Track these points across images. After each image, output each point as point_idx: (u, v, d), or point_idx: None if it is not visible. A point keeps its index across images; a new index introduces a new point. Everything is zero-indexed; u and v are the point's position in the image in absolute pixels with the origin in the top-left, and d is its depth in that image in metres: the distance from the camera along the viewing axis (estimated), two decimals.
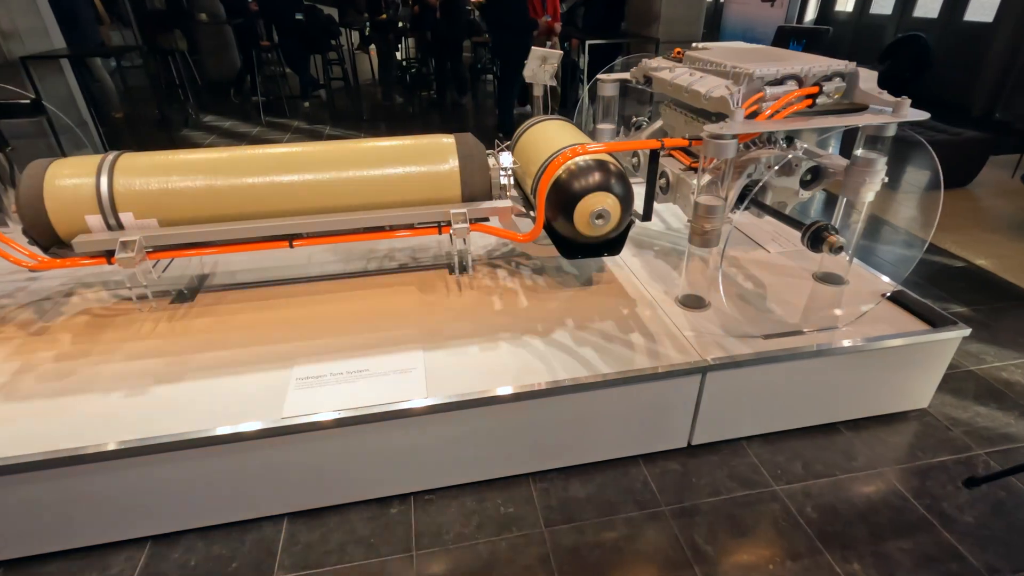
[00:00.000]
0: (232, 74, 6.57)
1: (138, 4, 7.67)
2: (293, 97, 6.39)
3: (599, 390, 1.47)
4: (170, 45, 5.44)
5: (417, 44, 6.60)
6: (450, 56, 5.97)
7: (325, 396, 1.40)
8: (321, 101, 6.49)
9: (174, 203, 1.60)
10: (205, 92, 6.49)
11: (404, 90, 6.66)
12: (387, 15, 5.67)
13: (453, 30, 5.75)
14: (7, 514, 1.31)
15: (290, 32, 5.58)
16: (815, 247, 1.53)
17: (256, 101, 5.98)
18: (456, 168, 1.72)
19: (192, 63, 6.06)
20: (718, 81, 1.69)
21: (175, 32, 5.51)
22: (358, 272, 1.99)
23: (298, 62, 6.02)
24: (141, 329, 1.68)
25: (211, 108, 6.19)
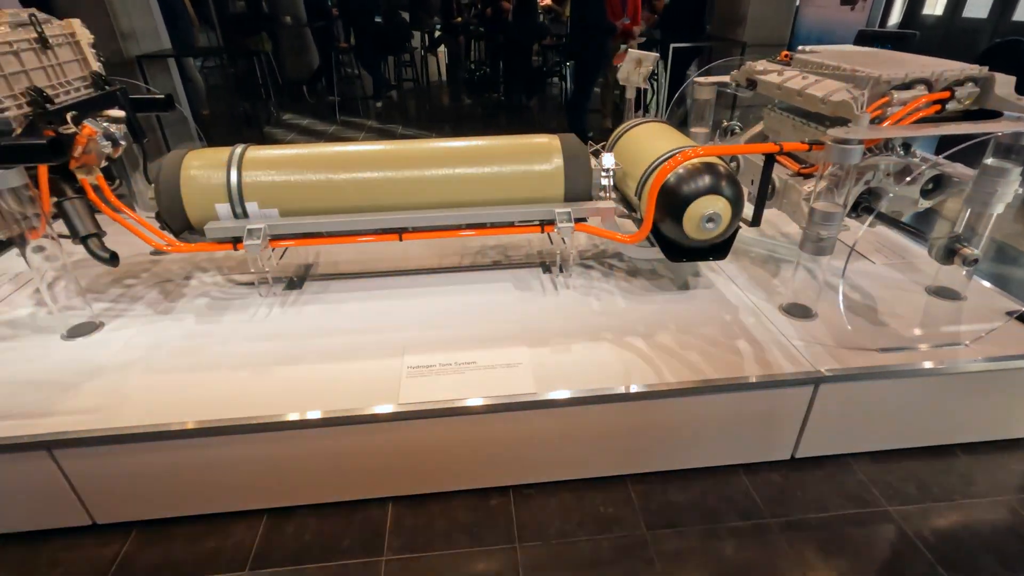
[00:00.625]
0: (308, 75, 6.86)
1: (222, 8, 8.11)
2: (366, 97, 6.60)
3: (707, 395, 1.46)
4: (256, 47, 5.72)
5: (486, 47, 6.69)
6: (520, 58, 6.02)
7: (437, 385, 1.44)
8: (392, 101, 6.68)
9: (294, 194, 1.68)
10: (284, 91, 6.79)
11: (471, 91, 6.76)
12: (461, 18, 5.77)
13: (525, 33, 5.80)
14: (144, 479, 1.41)
15: (368, 34, 5.77)
16: (946, 259, 1.46)
17: (331, 101, 6.21)
18: (560, 168, 1.74)
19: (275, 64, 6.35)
20: (837, 85, 1.65)
21: (262, 34, 5.80)
22: (453, 267, 2.04)
23: (372, 63, 6.22)
24: (257, 313, 1.77)
25: (289, 107, 6.47)
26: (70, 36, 1.66)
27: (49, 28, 1.58)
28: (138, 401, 1.41)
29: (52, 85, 1.56)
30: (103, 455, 1.36)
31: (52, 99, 1.51)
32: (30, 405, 1.39)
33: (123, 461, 1.37)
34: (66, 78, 1.63)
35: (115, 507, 1.45)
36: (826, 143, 1.46)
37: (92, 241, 1.58)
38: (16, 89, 1.43)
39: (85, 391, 1.44)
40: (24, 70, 1.47)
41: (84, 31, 1.71)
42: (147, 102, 1.95)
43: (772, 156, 1.61)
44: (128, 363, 1.54)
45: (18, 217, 1.48)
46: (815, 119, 1.78)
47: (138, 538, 1.45)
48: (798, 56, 1.93)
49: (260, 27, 5.93)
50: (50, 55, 1.57)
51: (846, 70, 1.66)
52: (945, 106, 1.55)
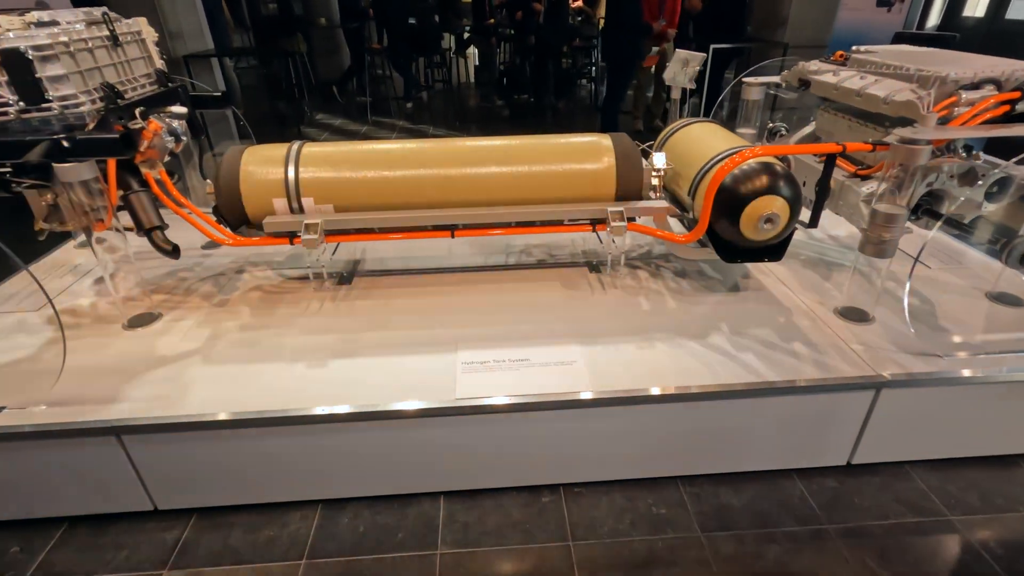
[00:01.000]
0: (339, 75, 6.95)
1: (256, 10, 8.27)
2: (396, 98, 6.66)
3: (764, 398, 1.44)
4: (292, 48, 5.82)
5: (516, 48, 6.71)
6: (551, 60, 6.03)
7: (492, 381, 1.44)
8: (422, 102, 6.73)
9: (349, 191, 1.70)
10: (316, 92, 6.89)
11: (501, 93, 6.78)
12: (494, 20, 5.79)
13: (555, 35, 5.81)
14: (204, 466, 1.44)
15: (401, 35, 5.83)
16: (1017, 264, 1.42)
17: (361, 101, 6.28)
18: (612, 166, 1.73)
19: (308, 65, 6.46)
20: (900, 85, 1.61)
21: (298, 35, 5.90)
22: (498, 266, 2.04)
23: (404, 64, 6.28)
24: (310, 307, 1.80)
25: (321, 107, 6.56)
26: (137, 34, 1.71)
27: (119, 26, 1.63)
28: (199, 391, 1.44)
29: (121, 81, 1.61)
30: (167, 442, 1.39)
31: (122, 95, 1.56)
32: (97, 392, 1.43)
33: (185, 448, 1.40)
34: (133, 75, 1.67)
35: (176, 493, 1.48)
36: (892, 143, 1.44)
37: (156, 234, 1.62)
38: (90, 85, 1.48)
39: (149, 380, 1.48)
40: (97, 67, 1.51)
41: (150, 29, 1.76)
42: (204, 99, 1.99)
43: (834, 157, 1.58)
44: (188, 353, 1.58)
45: (87, 209, 1.53)
46: (873, 119, 1.75)
47: (197, 524, 1.48)
48: (855, 56, 1.90)
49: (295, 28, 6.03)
50: (120, 52, 1.62)
51: (909, 70, 1.62)
52: (1015, 107, 1.51)
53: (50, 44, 1.36)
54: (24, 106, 1.40)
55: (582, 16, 6.30)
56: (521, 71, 6.71)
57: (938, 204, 1.71)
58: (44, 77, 1.37)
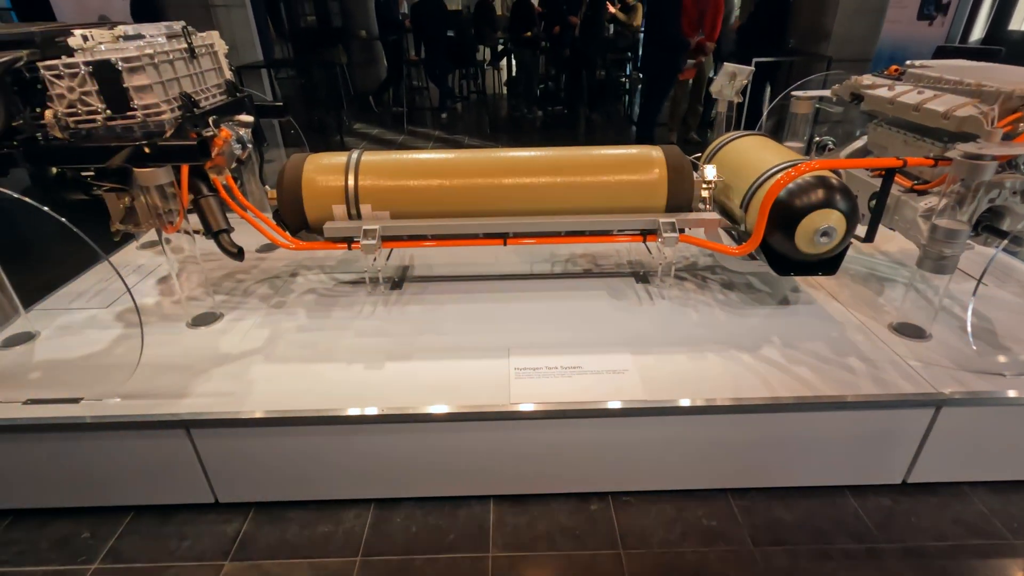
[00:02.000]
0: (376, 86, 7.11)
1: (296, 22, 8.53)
2: (431, 108, 6.79)
3: (820, 412, 1.43)
4: (333, 59, 5.99)
5: (552, 60, 6.78)
6: (586, 71, 6.07)
7: (545, 387, 1.46)
8: (457, 113, 6.84)
9: (405, 198, 1.75)
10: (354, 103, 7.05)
11: (537, 104, 6.84)
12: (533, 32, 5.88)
13: (592, 47, 5.85)
14: (264, 462, 1.48)
15: (439, 47, 5.94)
16: None
17: (397, 111, 6.41)
18: (664, 178, 1.75)
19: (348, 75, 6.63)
20: (961, 100, 1.60)
21: (339, 47, 6.07)
22: (545, 274, 2.07)
23: (441, 76, 6.40)
24: (363, 310, 1.85)
25: (359, 117, 6.72)
26: (211, 47, 1.80)
27: (195, 39, 1.72)
28: (262, 388, 1.49)
29: (196, 91, 1.69)
30: (231, 437, 1.44)
31: (198, 104, 1.64)
32: (166, 387, 1.49)
33: (248, 444, 1.45)
34: (207, 85, 1.76)
35: (237, 487, 1.53)
36: (954, 159, 1.43)
37: (223, 237, 1.69)
38: (170, 94, 1.56)
39: (215, 376, 1.54)
40: (176, 77, 1.59)
41: (221, 42, 1.85)
42: (265, 108, 2.08)
43: (892, 171, 1.57)
44: (250, 352, 1.64)
45: (160, 212, 1.60)
46: (931, 134, 1.73)
47: (256, 518, 1.53)
48: (911, 71, 1.89)
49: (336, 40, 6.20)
50: (196, 64, 1.70)
51: (969, 84, 1.61)
52: None
53: (137, 56, 1.45)
54: (111, 114, 1.48)
55: (619, 25, 6.33)
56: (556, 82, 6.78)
57: (999, 221, 1.68)
58: (131, 87, 1.45)
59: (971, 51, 6.50)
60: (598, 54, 5.98)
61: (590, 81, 6.17)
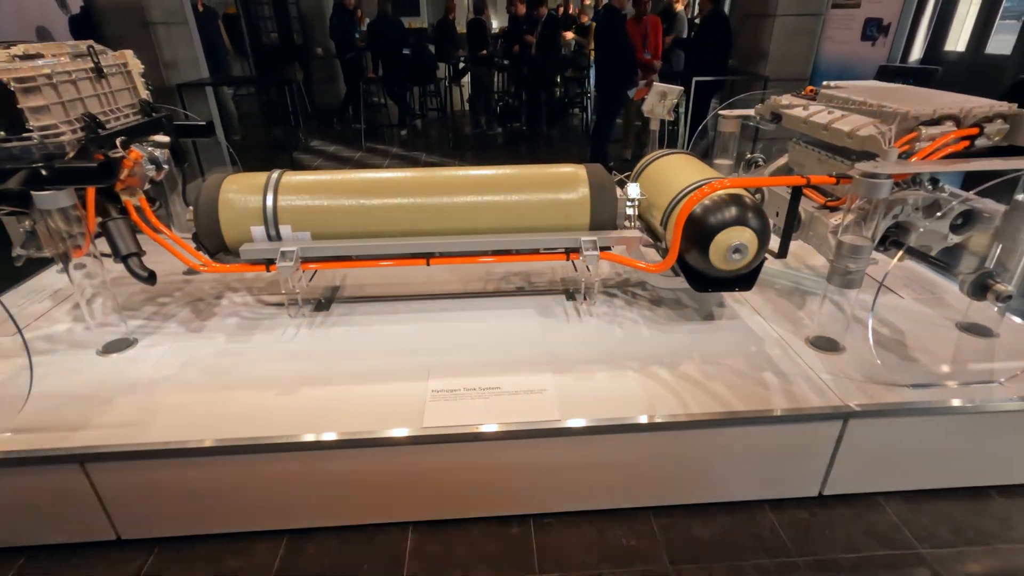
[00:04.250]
0: (336, 103, 7.08)
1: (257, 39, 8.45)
2: (391, 126, 6.78)
3: (733, 428, 1.44)
4: (289, 76, 5.94)
5: (511, 78, 6.85)
6: (543, 89, 6.15)
7: (461, 409, 1.44)
8: (416, 130, 6.85)
9: (327, 219, 1.73)
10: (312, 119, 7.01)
11: (495, 121, 6.90)
12: (488, 51, 5.94)
13: (548, 65, 5.94)
14: (168, 495, 1.42)
15: (397, 65, 5.95)
16: (978, 295, 1.44)
17: (357, 128, 6.39)
18: (587, 196, 1.76)
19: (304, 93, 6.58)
20: (864, 120, 1.66)
21: (295, 64, 6.02)
22: (477, 293, 2.06)
23: (399, 93, 6.40)
24: (285, 333, 1.80)
25: (317, 134, 6.66)
26: (123, 66, 1.75)
27: (104, 59, 1.67)
28: (168, 418, 1.44)
29: (104, 111, 1.64)
30: (131, 470, 1.38)
31: (104, 125, 1.59)
32: (65, 418, 1.43)
33: (150, 477, 1.39)
34: (117, 105, 1.71)
35: (140, 523, 1.46)
36: (854, 177, 1.47)
37: (133, 260, 1.64)
38: (72, 115, 1.51)
39: (118, 406, 1.47)
40: (80, 97, 1.55)
41: (136, 62, 1.80)
42: (188, 128, 2.03)
43: (799, 188, 1.62)
44: (160, 380, 1.58)
45: (64, 236, 1.54)
46: (841, 153, 1.79)
47: (161, 555, 1.46)
48: (823, 91, 1.95)
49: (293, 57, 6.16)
50: (104, 83, 1.66)
51: (872, 105, 1.67)
52: (974, 142, 1.55)
53: (32, 76, 1.40)
54: (4, 135, 1.42)
55: (576, 47, 6.45)
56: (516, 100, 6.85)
57: (905, 236, 1.73)
58: (25, 107, 1.40)
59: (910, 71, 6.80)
60: (554, 72, 6.07)
61: (548, 99, 6.25)
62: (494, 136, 6.54)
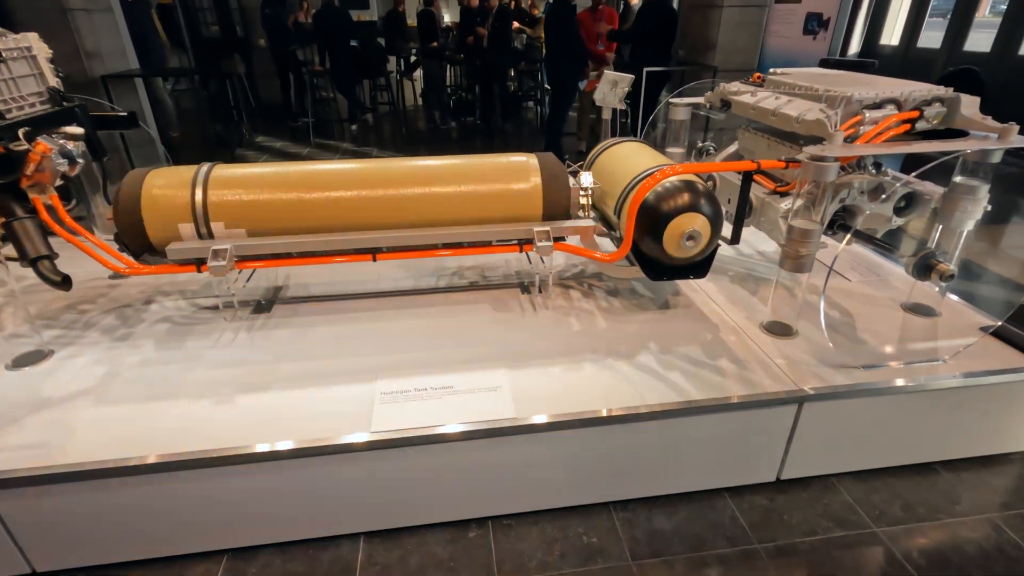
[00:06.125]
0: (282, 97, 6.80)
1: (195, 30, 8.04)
2: (341, 120, 6.57)
3: (691, 417, 1.42)
4: (229, 69, 5.66)
5: (465, 71, 6.75)
6: (496, 83, 6.08)
7: (412, 412, 1.37)
8: (368, 124, 6.66)
9: (263, 214, 1.61)
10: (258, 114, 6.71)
11: (448, 115, 6.78)
12: (438, 43, 5.81)
13: (499, 57, 5.87)
14: (89, 521, 1.30)
15: (344, 58, 5.76)
16: (922, 275, 1.46)
17: (304, 123, 6.16)
18: (539, 186, 1.71)
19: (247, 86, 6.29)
20: (810, 105, 1.66)
21: (235, 57, 5.74)
22: (428, 289, 1.98)
23: (348, 87, 6.20)
24: (222, 338, 1.68)
25: (263, 129, 6.39)
26: (26, 50, 1.59)
27: (3, 42, 1.51)
28: (86, 436, 1.30)
29: (4, 100, 1.48)
30: (43, 496, 1.25)
31: (3, 115, 1.43)
32: None
33: (66, 502, 1.26)
34: (20, 93, 1.55)
35: (57, 553, 1.33)
36: (802, 161, 1.47)
37: (42, 263, 1.48)
38: None
39: (27, 426, 1.33)
40: None
41: (42, 45, 1.64)
42: (109, 120, 1.87)
43: (750, 174, 1.61)
44: (77, 394, 1.44)
45: None
46: (789, 138, 1.80)
47: None
48: (770, 78, 1.96)
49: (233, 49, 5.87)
50: (3, 69, 1.49)
51: (818, 90, 1.68)
52: (915, 125, 1.58)
53: None
54: None
55: (527, 38, 6.40)
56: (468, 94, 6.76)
57: (852, 219, 1.76)
58: None
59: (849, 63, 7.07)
60: (507, 65, 6.00)
61: (501, 91, 6.18)
62: (448, 131, 6.43)
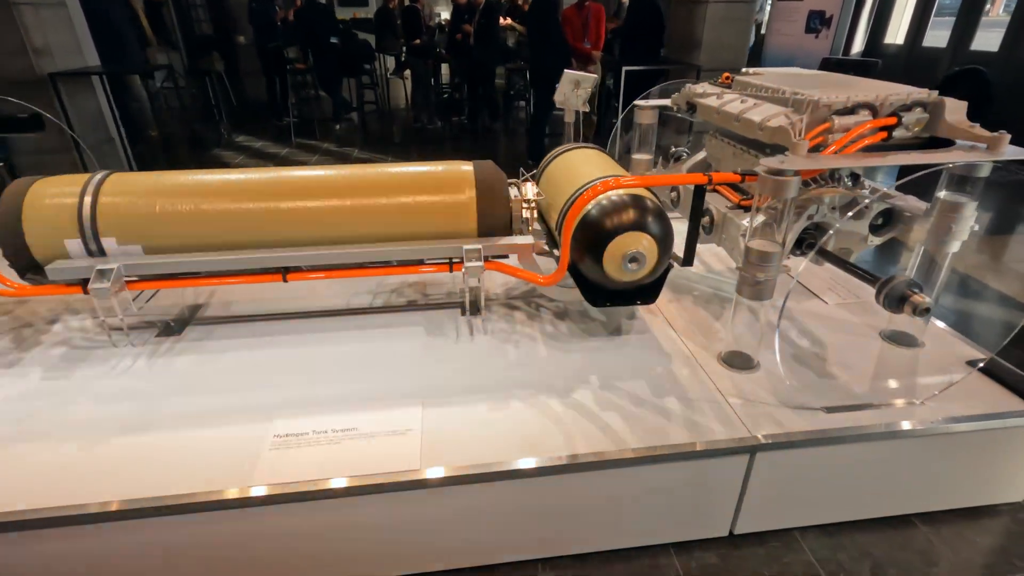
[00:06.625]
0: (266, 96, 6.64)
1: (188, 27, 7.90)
2: (325, 120, 6.41)
3: (626, 468, 1.24)
4: (208, 66, 5.51)
5: (453, 70, 6.58)
6: (483, 81, 5.90)
7: (302, 460, 1.20)
8: (353, 124, 6.50)
9: (161, 229, 1.45)
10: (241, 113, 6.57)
11: (436, 115, 6.61)
12: (422, 40, 5.63)
13: (486, 55, 5.69)
14: None
15: (325, 55, 5.60)
16: (894, 307, 1.27)
17: (285, 122, 6.00)
18: (473, 199, 1.54)
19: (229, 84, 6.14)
20: (776, 109, 1.48)
21: (213, 54, 5.59)
22: (362, 309, 1.81)
23: (331, 85, 6.04)
24: (118, 366, 1.52)
25: (245, 128, 6.24)
26: None
27: None
28: None
29: None
30: None
31: None
32: None
33: None
34: None
35: None
36: (760, 174, 1.29)
37: None
38: None
39: None
40: None
41: None
42: (9, 121, 1.71)
43: (703, 188, 1.43)
44: None
45: None
46: (755, 146, 1.61)
47: None
48: (739, 79, 1.77)
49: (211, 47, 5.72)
50: None
51: (786, 93, 1.49)
52: (892, 133, 1.39)
53: None
54: None
55: (517, 35, 6.21)
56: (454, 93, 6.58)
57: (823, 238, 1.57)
58: None
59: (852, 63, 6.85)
60: (494, 63, 5.81)
61: (489, 91, 5.99)
62: (434, 131, 6.25)
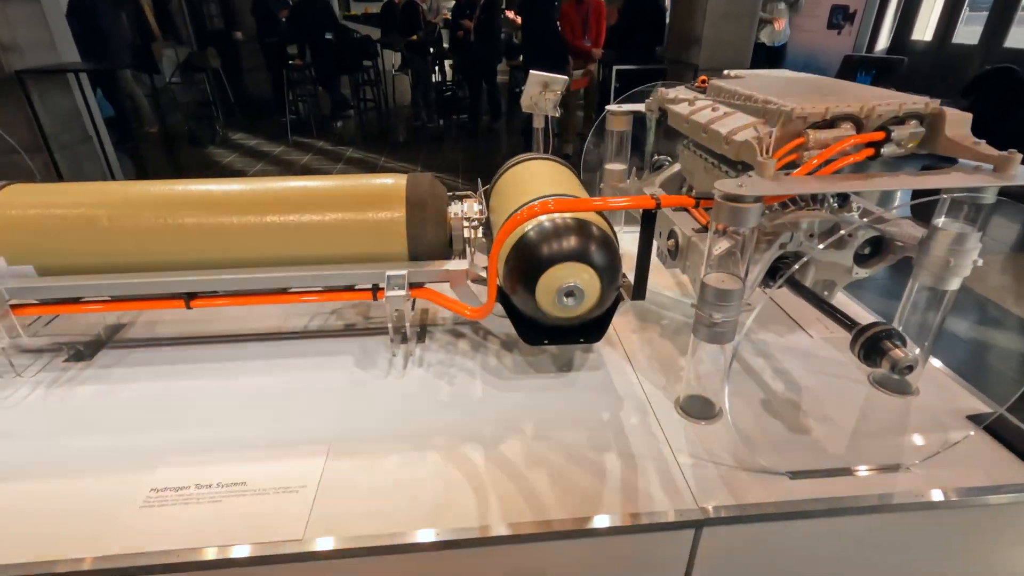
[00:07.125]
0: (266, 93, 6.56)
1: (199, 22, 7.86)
2: (324, 117, 6.30)
3: (547, 542, 1.06)
4: (203, 63, 5.43)
5: (454, 67, 6.41)
6: (484, 79, 5.72)
7: (174, 523, 1.05)
8: (352, 122, 6.38)
9: (55, 247, 1.32)
10: (239, 110, 6.49)
11: (436, 113, 6.46)
12: (419, 36, 5.48)
13: (487, 52, 5.51)
14: None
15: (322, 51, 5.47)
16: (870, 360, 1.07)
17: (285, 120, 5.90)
18: (403, 217, 1.37)
19: (226, 81, 6.06)
20: (746, 120, 1.28)
21: (208, 50, 5.51)
22: (295, 333, 1.66)
23: (329, 81, 5.93)
24: (13, 396, 1.39)
25: (243, 126, 6.16)
26: None
27: None
28: None
29: None
30: None
31: None
32: None
33: None
34: None
35: None
36: (715, 199, 1.09)
37: None
38: None
39: None
40: None
41: None
42: None
43: (651, 214, 1.23)
44: None
45: None
46: (726, 161, 1.41)
47: None
48: (714, 82, 1.57)
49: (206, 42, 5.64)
50: None
51: (758, 101, 1.29)
52: (880, 150, 1.18)
53: None
54: None
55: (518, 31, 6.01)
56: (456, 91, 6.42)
57: (803, 272, 1.37)
58: None
59: (875, 61, 6.50)
60: (495, 60, 5.63)
61: (490, 88, 5.81)
62: (433, 129, 6.10)
